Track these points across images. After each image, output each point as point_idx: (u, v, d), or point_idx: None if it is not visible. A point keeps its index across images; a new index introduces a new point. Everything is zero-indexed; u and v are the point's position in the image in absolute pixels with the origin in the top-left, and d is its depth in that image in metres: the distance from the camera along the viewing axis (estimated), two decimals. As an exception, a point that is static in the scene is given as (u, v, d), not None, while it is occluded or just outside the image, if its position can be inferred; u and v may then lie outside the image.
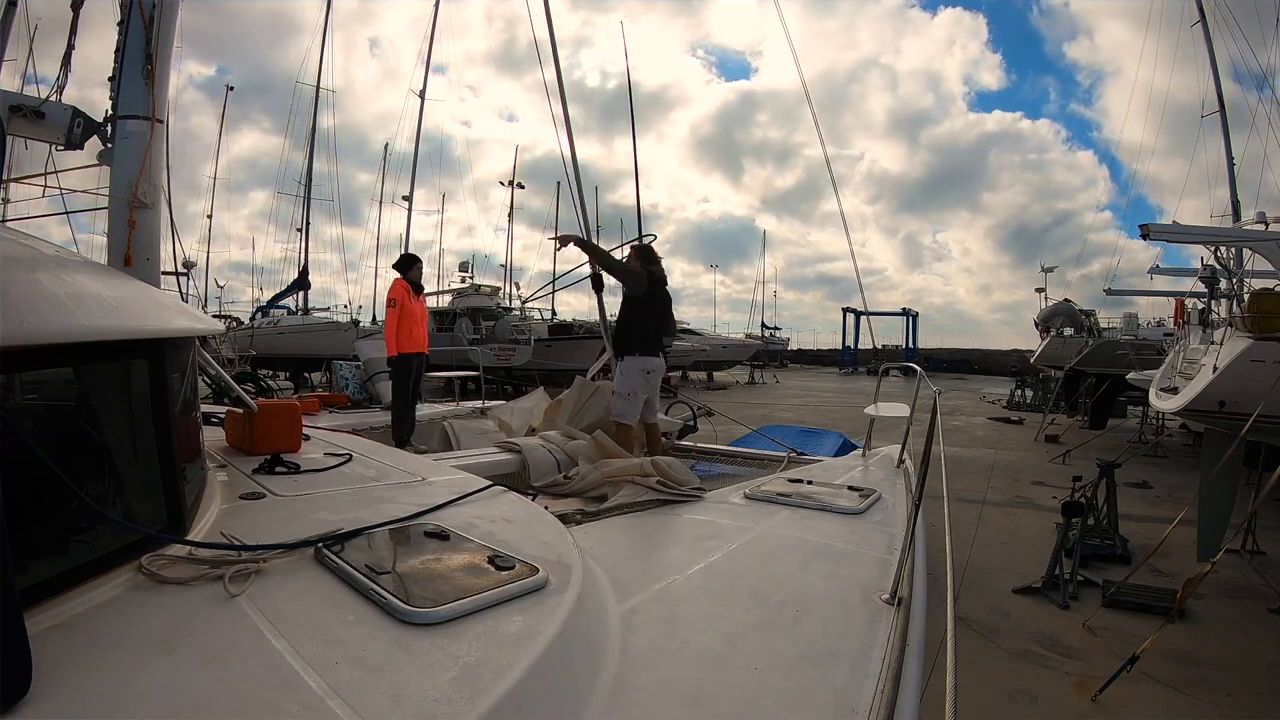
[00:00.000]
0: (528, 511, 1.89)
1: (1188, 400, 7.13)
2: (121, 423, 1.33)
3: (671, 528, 2.06)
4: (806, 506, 2.23)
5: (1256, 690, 3.73)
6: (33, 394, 1.21)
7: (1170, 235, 8.24)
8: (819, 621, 1.36)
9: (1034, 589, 5.17)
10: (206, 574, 1.17)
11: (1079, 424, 15.00)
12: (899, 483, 2.72)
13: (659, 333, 3.84)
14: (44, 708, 0.79)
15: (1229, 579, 5.39)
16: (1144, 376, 12.07)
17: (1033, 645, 4.27)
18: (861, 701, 1.07)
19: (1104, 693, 3.56)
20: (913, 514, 1.71)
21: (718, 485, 2.81)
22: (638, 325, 3.75)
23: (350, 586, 1.18)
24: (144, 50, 2.66)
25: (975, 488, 8.36)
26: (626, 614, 1.35)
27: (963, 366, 44.35)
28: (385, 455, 2.47)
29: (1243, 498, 6.01)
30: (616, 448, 3.19)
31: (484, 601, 1.13)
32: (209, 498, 1.62)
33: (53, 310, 1.10)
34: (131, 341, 1.31)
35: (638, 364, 3.65)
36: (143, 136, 2.68)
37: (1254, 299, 7.08)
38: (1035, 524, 6.96)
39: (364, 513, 1.58)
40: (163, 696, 0.84)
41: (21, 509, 0.97)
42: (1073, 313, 20.02)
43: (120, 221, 2.64)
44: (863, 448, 3.65)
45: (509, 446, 3.38)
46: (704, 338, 34.01)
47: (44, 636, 0.92)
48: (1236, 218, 13.14)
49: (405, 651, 0.99)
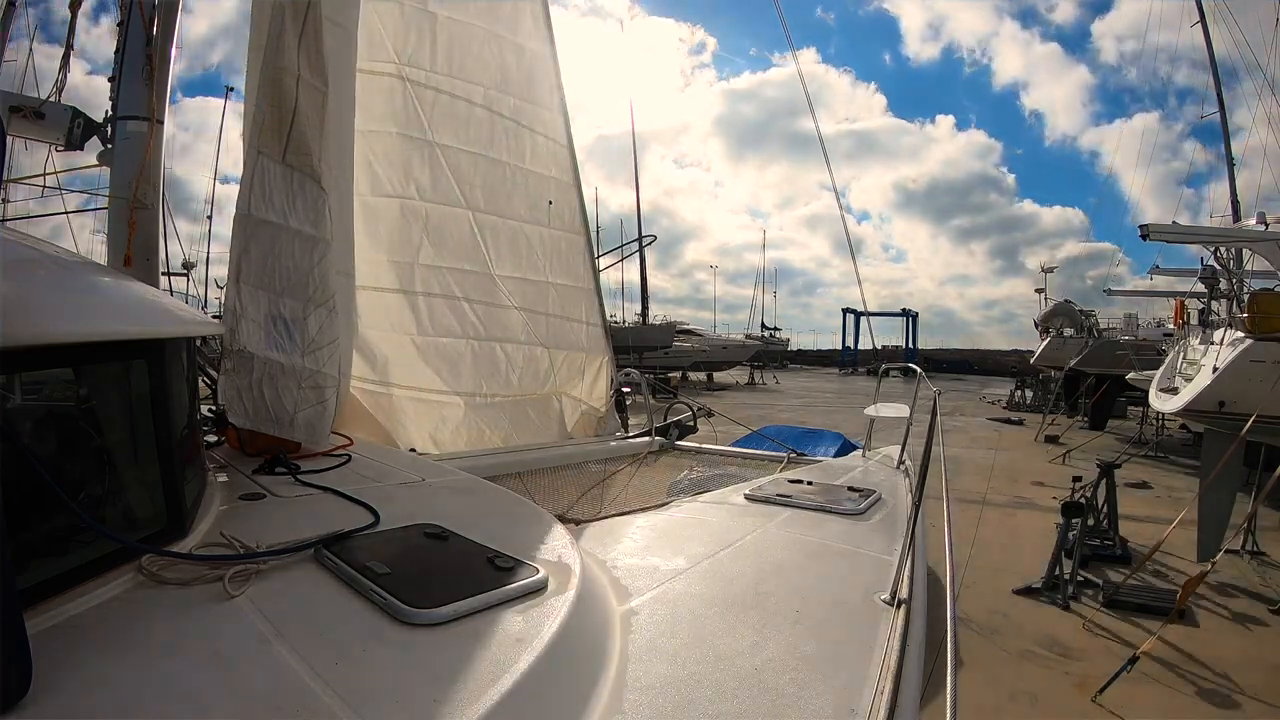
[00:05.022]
0: (528, 512, 1.89)
1: (1188, 400, 7.14)
2: (121, 423, 1.33)
3: (672, 528, 2.06)
4: (806, 507, 2.23)
5: (1257, 690, 3.73)
6: (33, 394, 1.21)
7: (1170, 235, 8.25)
8: (819, 622, 1.36)
9: (1034, 589, 5.17)
10: (206, 575, 1.17)
11: (1079, 424, 15.00)
12: (899, 483, 2.72)
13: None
14: (44, 708, 0.79)
15: (1229, 579, 5.39)
16: (1144, 377, 12.09)
17: (1033, 645, 4.28)
18: (861, 702, 1.07)
19: (1104, 693, 3.56)
20: (913, 514, 1.71)
21: (718, 486, 2.80)
22: None
23: (350, 587, 1.18)
24: (144, 50, 2.67)
25: (975, 488, 8.36)
26: (626, 614, 1.34)
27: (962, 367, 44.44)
28: (385, 456, 2.47)
29: (1242, 498, 6.02)
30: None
31: (484, 602, 1.13)
32: (209, 498, 1.62)
33: (53, 310, 1.10)
34: (131, 342, 1.31)
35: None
36: (142, 137, 2.68)
37: (1254, 299, 7.10)
38: (1035, 524, 6.97)
39: (364, 513, 1.58)
40: (163, 696, 0.84)
41: (22, 509, 0.97)
42: (1073, 313, 20.06)
43: (120, 221, 2.65)
44: (863, 448, 3.65)
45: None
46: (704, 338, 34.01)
47: (44, 636, 0.92)
48: (1236, 218, 13.15)
49: (405, 652, 0.99)
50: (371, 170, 3.49)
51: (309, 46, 2.32)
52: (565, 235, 4.38)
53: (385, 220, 3.58)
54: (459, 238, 3.85)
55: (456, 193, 3.82)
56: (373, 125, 3.44)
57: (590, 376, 4.46)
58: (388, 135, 3.58)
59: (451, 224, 3.82)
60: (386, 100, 3.55)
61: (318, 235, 2.34)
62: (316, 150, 2.34)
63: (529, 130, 4.15)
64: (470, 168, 3.88)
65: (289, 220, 2.28)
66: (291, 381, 2.27)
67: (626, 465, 3.73)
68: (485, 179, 3.95)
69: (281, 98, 2.28)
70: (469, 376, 3.85)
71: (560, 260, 4.34)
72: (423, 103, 3.67)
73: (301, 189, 2.30)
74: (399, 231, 3.63)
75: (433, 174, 3.72)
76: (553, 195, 4.28)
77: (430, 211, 3.73)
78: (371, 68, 3.41)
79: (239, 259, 2.26)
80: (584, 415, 4.35)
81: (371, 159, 3.48)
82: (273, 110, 2.27)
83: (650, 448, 4.02)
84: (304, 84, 2.31)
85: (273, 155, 2.27)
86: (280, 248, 2.27)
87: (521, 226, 4.14)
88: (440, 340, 3.75)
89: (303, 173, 2.31)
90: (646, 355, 24.96)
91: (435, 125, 3.72)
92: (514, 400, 4.04)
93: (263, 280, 2.26)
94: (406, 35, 3.61)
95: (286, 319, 2.28)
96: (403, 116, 3.62)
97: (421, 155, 3.68)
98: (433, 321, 3.72)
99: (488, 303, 3.96)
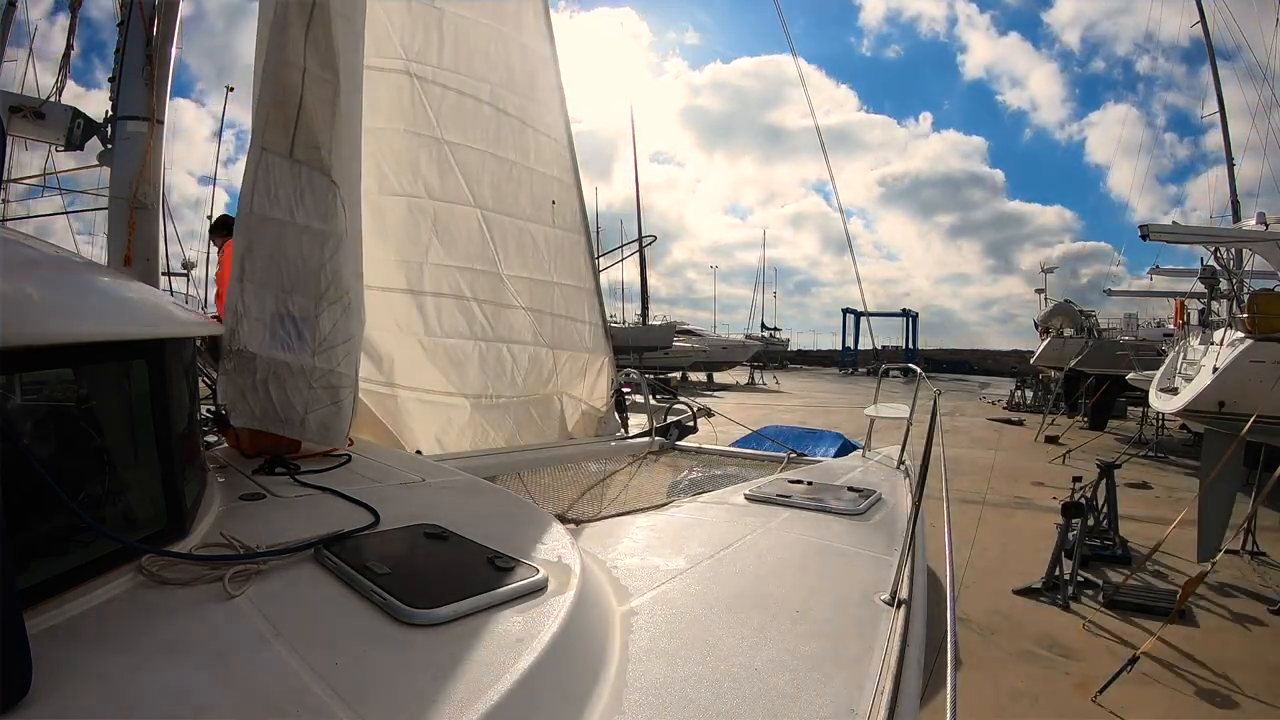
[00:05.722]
0: (528, 512, 1.89)
1: (1188, 400, 7.14)
2: (121, 423, 1.33)
3: (672, 528, 2.06)
4: (807, 507, 2.23)
5: (1257, 691, 3.73)
6: (32, 395, 1.21)
7: (1170, 236, 8.25)
8: (819, 622, 1.36)
9: (1034, 590, 5.17)
10: (207, 575, 1.17)
11: (1079, 425, 15.00)
12: (899, 483, 2.72)
13: None
14: (44, 708, 0.79)
15: (1229, 579, 5.40)
16: (1144, 377, 12.09)
17: (1033, 646, 4.28)
18: (861, 702, 1.07)
19: (1104, 693, 3.56)
20: (913, 515, 1.71)
21: (718, 486, 2.81)
22: None
23: (350, 587, 1.18)
24: (144, 51, 2.67)
25: (975, 488, 8.36)
26: (626, 614, 1.34)
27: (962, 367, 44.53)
28: (385, 456, 2.47)
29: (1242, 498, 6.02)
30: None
31: (484, 602, 1.13)
32: (209, 499, 1.62)
33: (53, 311, 1.10)
34: (131, 342, 1.31)
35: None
36: (142, 137, 2.68)
37: (1254, 299, 7.10)
38: (1035, 525, 6.97)
39: (364, 513, 1.58)
40: (163, 697, 0.84)
41: (22, 509, 0.97)
42: (1073, 313, 20.07)
43: (120, 222, 2.65)
44: (863, 448, 3.65)
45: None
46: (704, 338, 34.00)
47: (44, 636, 0.92)
48: (1236, 218, 13.15)
49: (405, 652, 0.99)
50: (379, 168, 3.45)
51: (316, 39, 2.30)
52: (567, 235, 4.37)
53: (393, 219, 3.54)
54: (468, 237, 3.81)
55: (465, 191, 3.78)
56: (380, 122, 3.41)
57: (591, 377, 4.46)
58: (395, 132, 3.55)
59: (460, 223, 3.78)
60: (394, 97, 3.52)
61: (328, 230, 2.30)
62: (326, 143, 2.31)
63: (533, 129, 4.13)
64: (478, 165, 3.84)
65: (296, 216, 2.25)
66: (301, 381, 2.25)
67: (626, 465, 3.74)
68: (493, 177, 3.92)
69: (286, 93, 2.26)
70: (475, 378, 3.81)
71: (564, 260, 4.33)
72: (430, 99, 3.63)
73: (310, 184, 2.27)
74: (407, 230, 3.59)
75: (441, 172, 3.68)
76: (555, 195, 4.26)
77: (438, 210, 3.69)
78: (379, 64, 3.37)
79: (242, 258, 2.24)
80: (584, 415, 4.35)
81: (379, 157, 3.44)
82: (277, 106, 2.26)
83: (650, 448, 4.02)
84: (311, 77, 2.28)
85: (278, 151, 2.25)
86: (287, 245, 2.24)
87: (527, 226, 4.12)
88: (448, 341, 3.72)
89: (311, 167, 2.28)
90: (646, 356, 24.96)
91: (443, 122, 3.68)
92: (518, 401, 4.03)
93: (269, 279, 2.24)
94: (414, 31, 3.58)
95: (295, 317, 2.26)
96: (410, 113, 3.58)
97: (430, 153, 3.65)
98: (441, 322, 3.69)
99: (496, 303, 3.92)
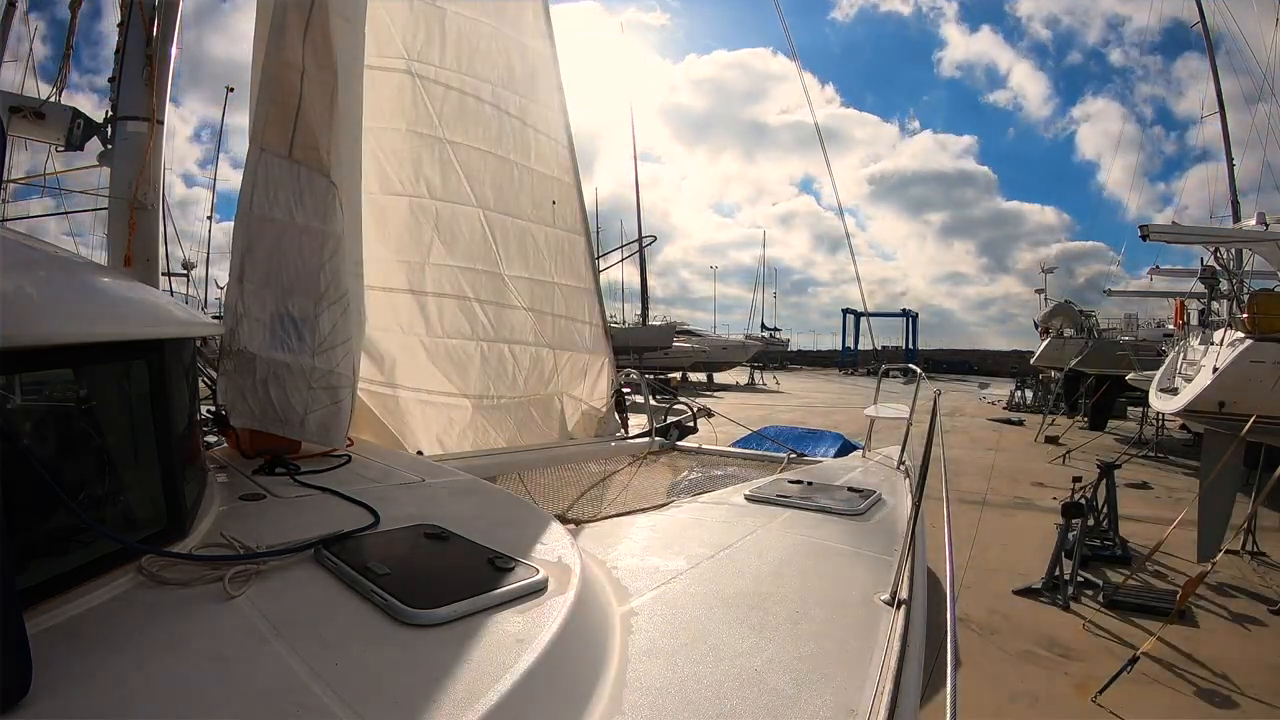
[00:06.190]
0: (527, 512, 1.89)
1: (1188, 401, 7.14)
2: (122, 424, 1.33)
3: (672, 529, 2.06)
4: (806, 508, 2.23)
5: (1257, 691, 3.73)
6: (33, 395, 1.21)
7: (1170, 236, 8.25)
8: (819, 623, 1.36)
9: (1034, 590, 5.17)
10: (207, 575, 1.17)
11: (1079, 425, 15.00)
12: (899, 484, 2.72)
13: None
14: (44, 708, 0.79)
15: (1229, 579, 5.39)
16: (1144, 377, 12.09)
17: (1033, 646, 4.28)
18: (861, 703, 1.07)
19: (1104, 693, 3.56)
20: (913, 515, 1.71)
21: (718, 486, 2.80)
22: None
23: (350, 587, 1.18)
24: (144, 51, 2.66)
25: (975, 489, 8.36)
26: (626, 615, 1.34)
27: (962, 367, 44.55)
28: (385, 456, 2.47)
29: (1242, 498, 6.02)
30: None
31: (484, 603, 1.13)
32: (209, 499, 1.62)
33: (53, 311, 1.10)
34: (131, 343, 1.31)
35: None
36: (142, 138, 2.68)
37: (1254, 299, 7.10)
38: (1035, 525, 6.97)
39: (364, 514, 1.58)
40: (163, 697, 0.84)
41: (22, 509, 0.97)
42: (1073, 313, 20.06)
43: (120, 222, 2.64)
44: (863, 449, 3.65)
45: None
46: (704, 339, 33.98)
47: (44, 636, 0.92)
48: (1236, 218, 13.15)
49: (405, 653, 0.99)
50: (381, 168, 3.44)
51: (315, 39, 2.30)
52: (567, 235, 4.36)
53: (395, 219, 3.53)
54: (470, 237, 3.79)
55: (467, 190, 3.77)
56: (382, 122, 3.40)
57: (591, 377, 4.46)
58: (397, 132, 3.53)
59: (462, 223, 3.77)
60: (396, 96, 3.50)
61: (327, 230, 2.30)
62: (325, 144, 2.31)
63: (533, 129, 4.13)
64: (480, 165, 3.83)
65: (295, 217, 2.25)
66: (300, 381, 2.25)
67: (626, 465, 3.73)
68: (494, 177, 3.91)
69: (285, 93, 2.26)
70: (477, 378, 3.80)
71: (564, 260, 4.32)
72: (432, 99, 3.62)
73: (309, 184, 2.27)
74: (409, 230, 3.57)
75: (443, 171, 3.67)
76: (555, 195, 4.26)
77: (441, 210, 3.67)
78: (381, 64, 3.36)
79: (241, 258, 2.24)
80: (584, 415, 4.35)
81: (381, 156, 3.43)
82: (276, 106, 2.26)
83: (650, 448, 4.02)
84: (310, 77, 2.28)
85: (277, 151, 2.25)
86: (286, 245, 2.24)
87: (529, 226, 4.11)
88: (450, 342, 3.71)
89: (310, 167, 2.28)
90: (646, 356, 24.96)
91: (445, 122, 3.67)
92: (519, 401, 4.02)
93: (268, 279, 2.24)
94: (416, 31, 3.57)
95: (295, 318, 2.26)
96: (412, 113, 3.57)
97: (432, 152, 3.64)
98: (443, 322, 3.68)
99: (498, 303, 3.91)
